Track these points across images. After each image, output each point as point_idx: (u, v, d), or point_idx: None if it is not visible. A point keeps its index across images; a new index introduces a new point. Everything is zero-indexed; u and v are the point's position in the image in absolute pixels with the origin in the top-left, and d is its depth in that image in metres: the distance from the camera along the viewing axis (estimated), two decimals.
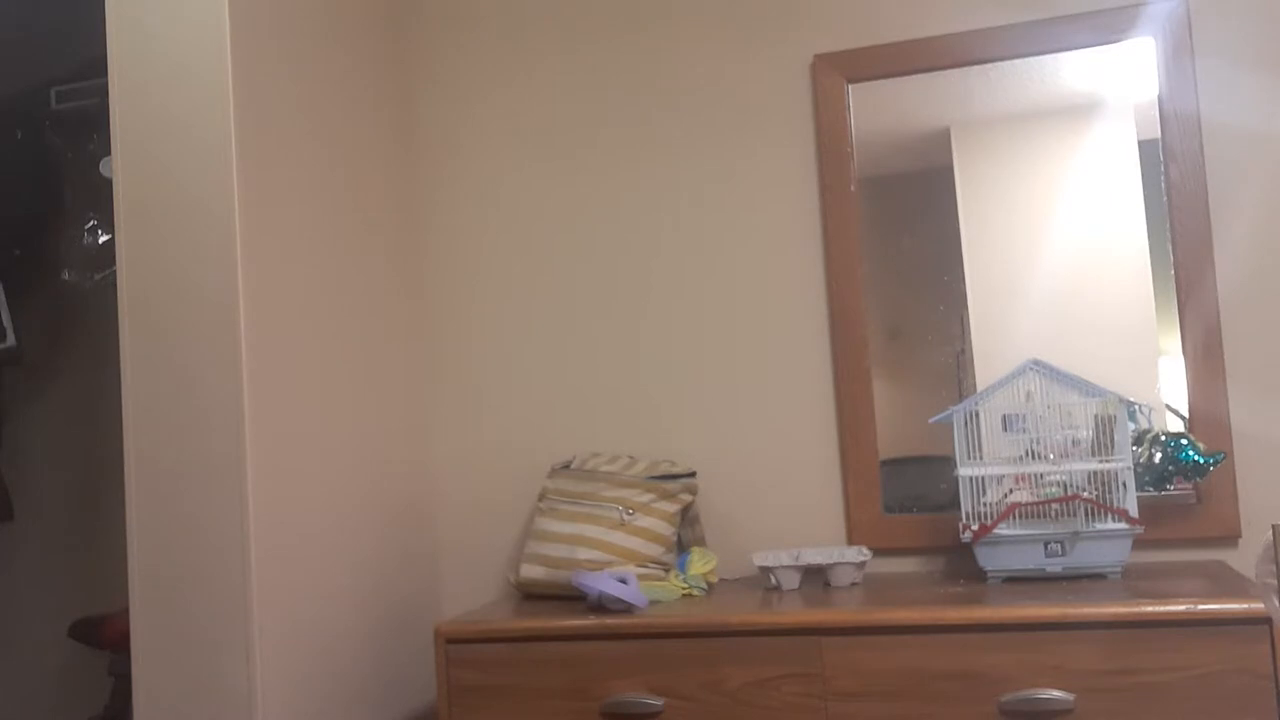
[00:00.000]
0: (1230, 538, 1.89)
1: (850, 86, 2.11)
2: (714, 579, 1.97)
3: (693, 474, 2.06)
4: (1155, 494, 1.87)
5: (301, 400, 1.82)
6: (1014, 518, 1.78)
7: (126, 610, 1.76)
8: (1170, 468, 1.82)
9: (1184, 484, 1.88)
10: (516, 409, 2.26)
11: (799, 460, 2.10)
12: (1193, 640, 1.49)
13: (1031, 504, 1.78)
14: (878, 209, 2.09)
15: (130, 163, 1.73)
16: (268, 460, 1.71)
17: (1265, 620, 1.46)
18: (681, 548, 2.05)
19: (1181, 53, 1.95)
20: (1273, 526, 1.29)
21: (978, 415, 1.82)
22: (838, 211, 2.09)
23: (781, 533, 2.09)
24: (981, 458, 1.81)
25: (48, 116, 2.35)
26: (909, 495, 2.03)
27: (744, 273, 2.16)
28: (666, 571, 1.95)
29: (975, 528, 1.78)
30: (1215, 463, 1.81)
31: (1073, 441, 1.79)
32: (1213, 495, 1.88)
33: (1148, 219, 1.96)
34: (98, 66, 1.82)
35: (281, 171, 1.82)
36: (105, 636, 2.19)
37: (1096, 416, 1.78)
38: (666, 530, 1.99)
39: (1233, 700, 1.47)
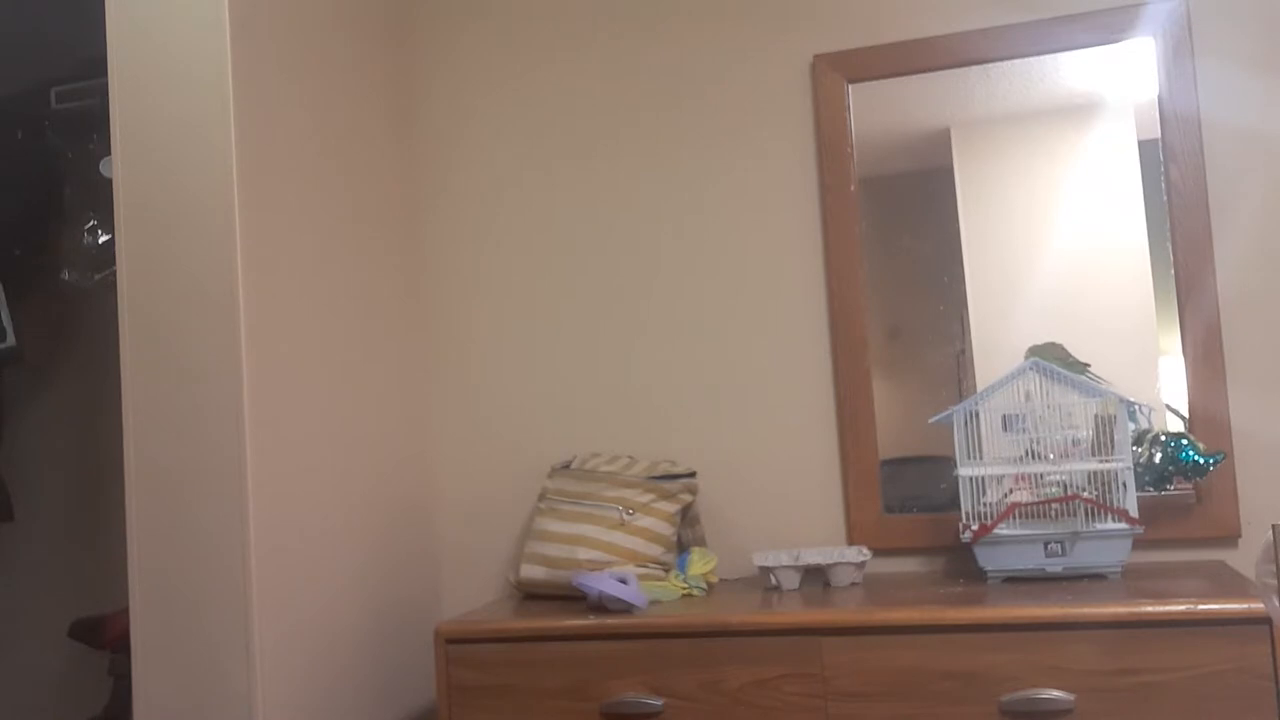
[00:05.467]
0: (1230, 538, 1.89)
1: (850, 86, 2.11)
2: (714, 579, 1.97)
3: (693, 474, 2.06)
4: (1155, 494, 1.87)
5: (301, 400, 1.82)
6: (1014, 518, 1.78)
7: (126, 610, 1.76)
8: (1170, 468, 1.82)
9: (1184, 484, 1.88)
10: (516, 409, 2.26)
11: (799, 460, 2.10)
12: (1193, 640, 1.49)
13: (1031, 504, 1.78)
14: (878, 209, 2.09)
15: (130, 163, 1.73)
16: (268, 460, 1.71)
17: (1265, 620, 1.46)
18: (681, 548, 2.05)
19: (1181, 53, 1.95)
20: (1273, 526, 1.29)
21: (978, 415, 1.82)
22: (838, 211, 2.09)
23: (781, 533, 2.09)
24: (981, 458, 1.81)
25: (48, 116, 2.35)
26: (909, 495, 2.03)
27: (744, 273, 2.16)
28: (666, 571, 1.95)
29: (975, 528, 1.78)
30: (1215, 463, 1.81)
31: (1073, 441, 1.79)
32: (1213, 495, 1.88)
33: (1148, 219, 1.96)
34: (98, 66, 1.82)
35: (281, 171, 1.82)
36: (105, 636, 2.19)
37: (1096, 416, 1.78)
38: (666, 530, 1.99)
39: (1233, 700, 1.47)
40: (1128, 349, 1.94)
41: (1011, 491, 1.81)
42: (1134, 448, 1.82)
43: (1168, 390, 1.93)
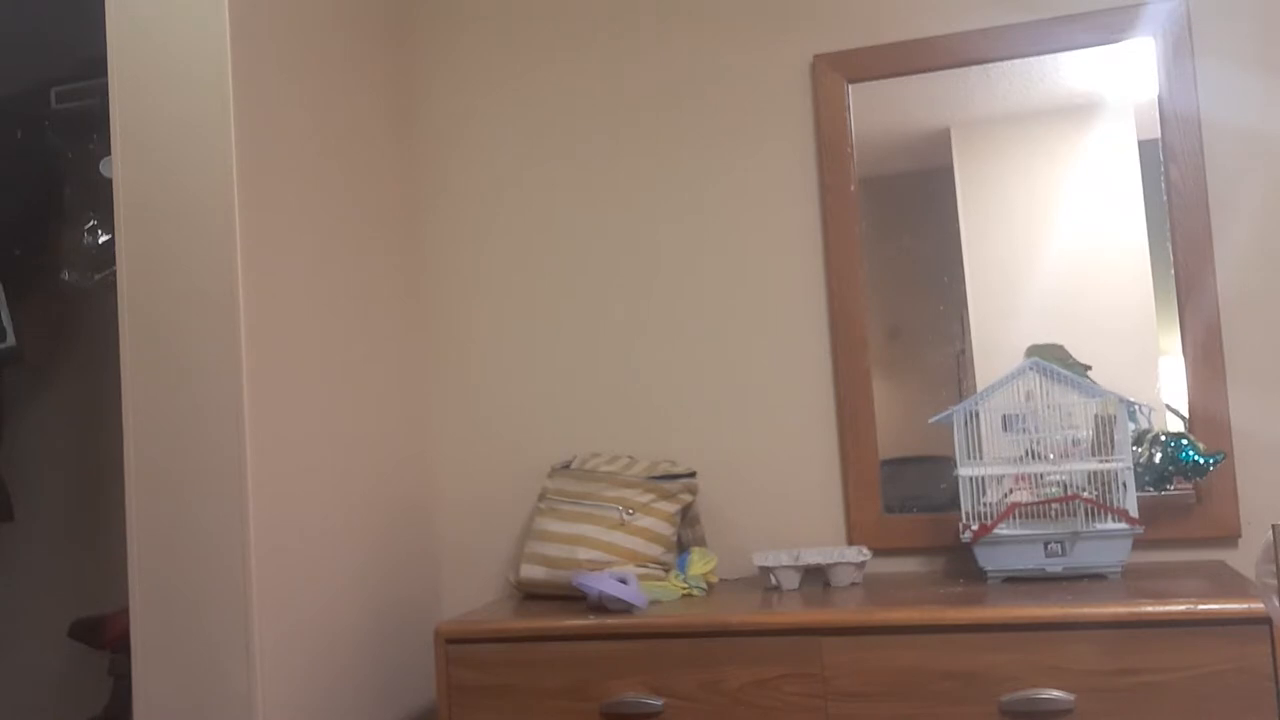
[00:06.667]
0: (1230, 538, 1.89)
1: (850, 86, 2.11)
2: (714, 579, 1.97)
3: (693, 474, 2.06)
4: (1155, 494, 1.87)
5: (302, 400, 1.82)
6: (1014, 518, 1.78)
7: (126, 610, 1.76)
8: (1170, 468, 1.82)
9: (1184, 484, 1.88)
10: (516, 409, 2.26)
11: (799, 460, 2.10)
12: (1193, 640, 1.49)
13: (1031, 504, 1.78)
14: (878, 209, 2.09)
15: (130, 163, 1.73)
16: (268, 460, 1.71)
17: (1265, 620, 1.46)
18: (681, 548, 2.05)
19: (1181, 53, 1.95)
20: (1273, 526, 1.29)
21: (978, 415, 1.82)
22: (838, 211, 2.09)
23: (781, 533, 2.09)
24: (981, 458, 1.81)
25: (48, 116, 2.35)
26: (909, 495, 2.03)
27: (744, 273, 2.16)
28: (666, 571, 1.95)
29: (975, 528, 1.78)
30: (1215, 463, 1.81)
31: (1073, 441, 1.79)
32: (1213, 495, 1.88)
33: (1148, 219, 1.96)
34: (98, 66, 1.82)
35: (282, 171, 1.82)
36: (105, 636, 2.19)
37: (1096, 416, 1.78)
38: (666, 530, 1.99)
39: (1233, 700, 1.47)
40: (1128, 349, 1.94)
41: (1011, 491, 1.81)
42: (1134, 448, 1.82)
43: (1168, 390, 1.93)
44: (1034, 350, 1.91)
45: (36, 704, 2.44)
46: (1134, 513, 1.74)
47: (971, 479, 1.81)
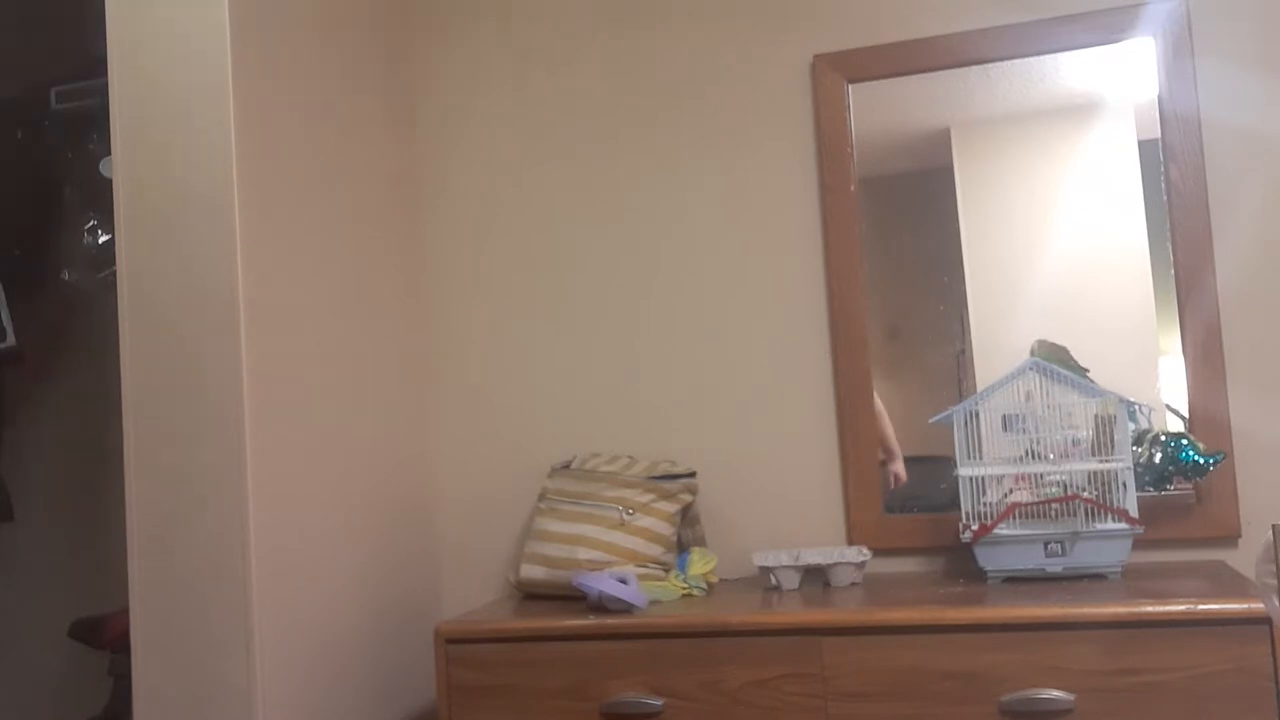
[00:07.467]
0: (1230, 538, 1.89)
1: (850, 86, 2.11)
2: (714, 579, 1.97)
3: (693, 474, 2.06)
4: (1155, 494, 1.87)
5: (302, 400, 1.82)
6: (1014, 518, 1.78)
7: (126, 610, 1.76)
8: (1170, 468, 1.82)
9: (1184, 484, 1.88)
10: (516, 409, 2.26)
11: (799, 460, 2.10)
12: (1193, 640, 1.49)
13: (1031, 504, 1.78)
14: (878, 209, 2.09)
15: (130, 163, 1.73)
16: (268, 460, 1.71)
17: (1265, 620, 1.46)
18: (681, 548, 2.05)
19: (1181, 53, 1.95)
20: (1273, 526, 1.29)
21: (978, 415, 1.82)
22: (838, 211, 2.09)
23: (781, 533, 2.09)
24: (981, 458, 1.81)
25: (48, 116, 2.35)
26: (909, 495, 2.03)
27: (744, 273, 2.16)
28: (666, 571, 1.95)
29: (975, 528, 1.78)
30: (1215, 463, 1.81)
31: (1073, 441, 1.79)
32: (1213, 495, 1.88)
33: (1148, 219, 1.96)
34: (98, 66, 1.82)
35: (282, 171, 1.82)
36: (105, 636, 2.19)
37: (1096, 416, 1.78)
38: (666, 530, 1.99)
39: (1233, 700, 1.47)
40: (1128, 349, 1.94)
41: (1011, 491, 1.81)
42: (1134, 448, 1.82)
43: (1168, 390, 1.93)
44: (1040, 346, 1.91)
45: (36, 704, 2.44)
46: (1134, 513, 1.74)
47: (971, 479, 1.81)
